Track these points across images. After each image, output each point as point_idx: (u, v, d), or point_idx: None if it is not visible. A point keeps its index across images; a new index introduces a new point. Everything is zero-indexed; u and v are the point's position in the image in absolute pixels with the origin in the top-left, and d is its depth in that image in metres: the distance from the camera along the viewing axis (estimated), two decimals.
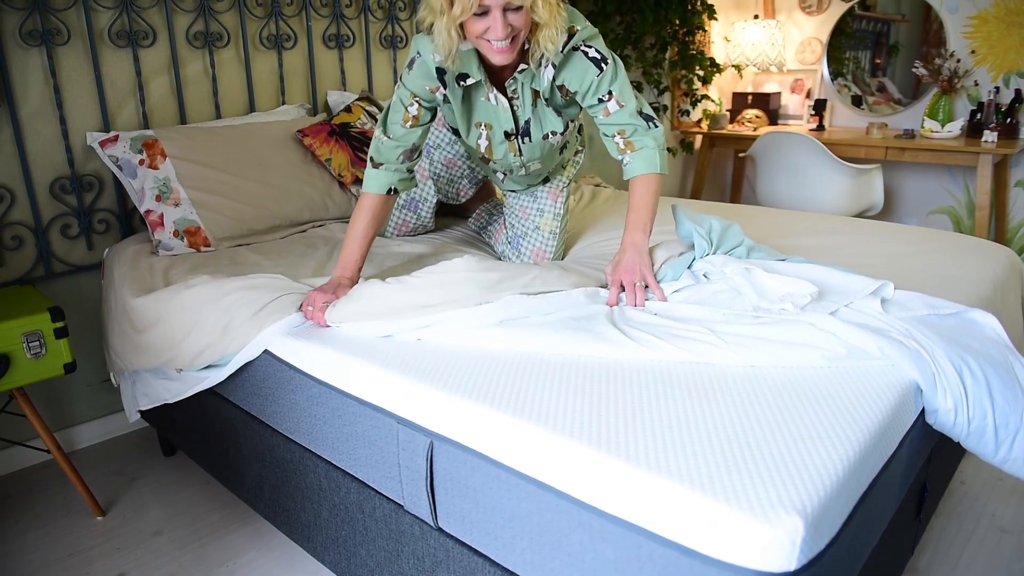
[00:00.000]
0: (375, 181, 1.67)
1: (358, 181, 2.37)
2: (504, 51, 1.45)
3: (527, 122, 1.68)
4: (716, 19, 3.74)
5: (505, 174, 1.91)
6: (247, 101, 2.53)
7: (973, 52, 3.63)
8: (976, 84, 3.65)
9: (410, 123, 1.64)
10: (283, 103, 2.62)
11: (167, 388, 1.75)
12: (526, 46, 1.54)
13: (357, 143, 2.40)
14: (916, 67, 3.70)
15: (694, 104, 3.81)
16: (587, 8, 3.57)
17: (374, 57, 2.86)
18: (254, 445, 1.64)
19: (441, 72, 1.58)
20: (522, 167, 1.81)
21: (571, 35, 1.54)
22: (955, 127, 3.51)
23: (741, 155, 3.97)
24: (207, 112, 2.44)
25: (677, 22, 3.47)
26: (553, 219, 1.97)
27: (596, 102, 1.61)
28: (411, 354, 1.30)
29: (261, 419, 1.59)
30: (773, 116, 4.17)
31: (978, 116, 3.52)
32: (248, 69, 2.50)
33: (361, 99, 2.55)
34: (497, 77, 1.64)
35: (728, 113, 4.22)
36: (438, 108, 1.70)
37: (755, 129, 3.95)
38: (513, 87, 1.63)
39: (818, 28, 4.13)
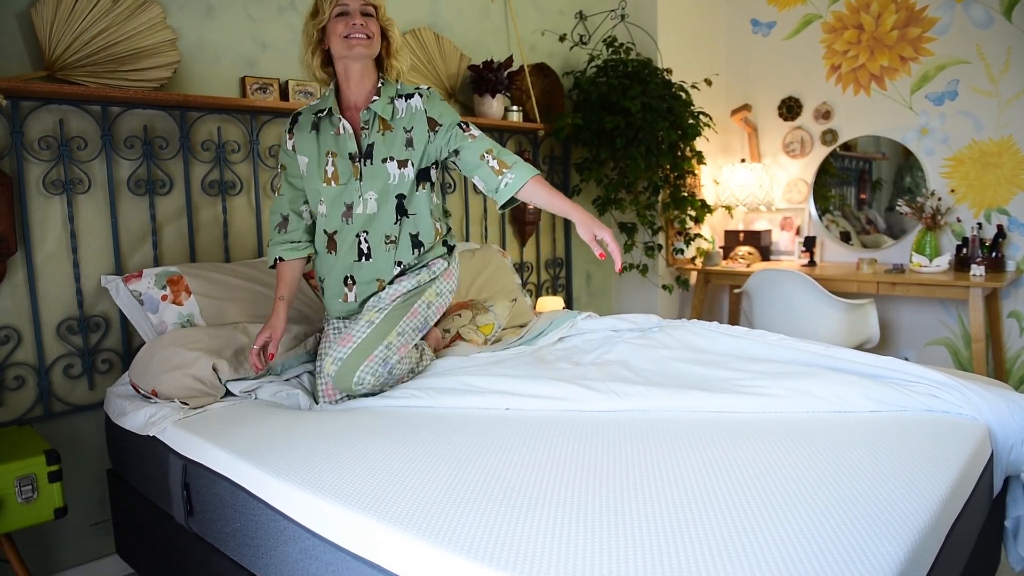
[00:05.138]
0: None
1: None
2: (362, 42, 1.88)
3: (370, 146, 1.98)
4: (705, 164, 3.94)
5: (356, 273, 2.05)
6: (256, 245, 2.63)
7: (953, 191, 3.80)
8: (959, 220, 3.79)
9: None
10: None
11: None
12: (380, 83, 1.98)
13: None
14: (899, 206, 3.85)
15: (688, 243, 3.93)
16: (582, 155, 3.76)
17: None
18: None
19: (295, 118, 2.05)
20: (360, 196, 1.99)
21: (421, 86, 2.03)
22: (943, 262, 3.60)
23: (736, 291, 4.06)
24: (217, 255, 2.53)
25: (668, 167, 3.65)
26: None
27: (459, 130, 2.00)
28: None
29: (253, 572, 1.53)
30: (765, 252, 4.30)
31: (964, 251, 3.62)
32: (258, 214, 2.61)
33: None
34: (350, 114, 2.00)
35: (721, 250, 4.35)
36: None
37: (748, 265, 4.05)
38: (366, 117, 1.98)
39: (803, 170, 4.34)
